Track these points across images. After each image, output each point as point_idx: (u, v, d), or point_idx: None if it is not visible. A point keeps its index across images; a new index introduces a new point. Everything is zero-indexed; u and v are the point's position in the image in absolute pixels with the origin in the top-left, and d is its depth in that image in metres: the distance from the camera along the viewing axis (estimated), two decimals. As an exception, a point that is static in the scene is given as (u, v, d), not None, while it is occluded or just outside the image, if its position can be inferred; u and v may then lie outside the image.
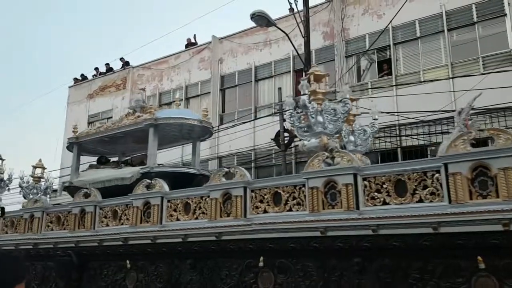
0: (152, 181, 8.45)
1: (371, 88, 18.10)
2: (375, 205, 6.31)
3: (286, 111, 7.75)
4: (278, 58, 21.07)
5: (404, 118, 15.51)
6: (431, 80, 16.22)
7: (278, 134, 14.97)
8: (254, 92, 20.87)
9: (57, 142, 31.00)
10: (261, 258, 6.92)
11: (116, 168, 10.11)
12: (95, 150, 11.07)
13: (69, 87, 30.33)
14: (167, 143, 10.53)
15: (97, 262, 8.86)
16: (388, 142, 16.66)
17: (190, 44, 26.09)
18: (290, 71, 20.50)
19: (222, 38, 23.92)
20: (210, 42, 24.24)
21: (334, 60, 19.31)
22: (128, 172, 9.43)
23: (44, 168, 12.41)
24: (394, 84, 17.38)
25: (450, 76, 16.15)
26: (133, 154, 11.25)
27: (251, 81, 21.10)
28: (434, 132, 15.88)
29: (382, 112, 14.17)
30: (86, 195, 9.28)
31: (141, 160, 10.14)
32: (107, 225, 8.96)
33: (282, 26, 15.57)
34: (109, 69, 28.93)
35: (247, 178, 7.47)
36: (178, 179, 8.63)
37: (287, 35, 14.95)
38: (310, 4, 16.28)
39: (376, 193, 6.34)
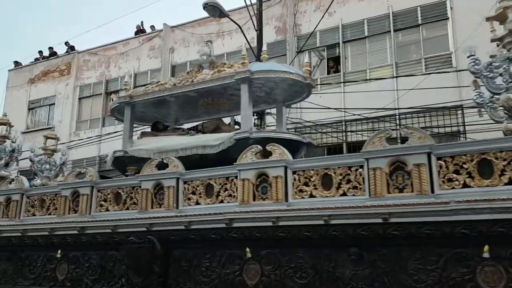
0: (268, 147, 5.67)
1: (321, 84, 17.07)
2: None
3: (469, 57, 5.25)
4: (231, 50, 19.22)
5: (350, 114, 14.71)
6: (377, 79, 15.64)
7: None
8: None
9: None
10: (486, 247, 4.41)
11: (185, 135, 7.17)
12: (144, 116, 8.05)
13: (9, 70, 26.69)
14: (232, 110, 7.72)
15: (190, 251, 6.08)
16: (335, 137, 15.91)
17: (140, 31, 23.19)
18: (242, 64, 18.47)
19: (174, 26, 21.98)
20: (161, 30, 21.70)
21: (285, 55, 18.02)
22: (214, 139, 6.66)
23: (58, 139, 9.15)
24: (342, 81, 16.53)
25: (395, 75, 15.56)
26: (187, 121, 8.32)
27: (204, 72, 18.44)
28: (378, 128, 14.61)
29: (329, 108, 13.36)
30: (161, 166, 6.32)
31: (216, 126, 7.34)
32: (197, 203, 6.17)
33: (235, 18, 14.00)
34: (53, 53, 25.51)
35: (430, 142, 4.93)
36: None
37: (240, 27, 13.39)
38: (264, -3, 15.22)
39: None
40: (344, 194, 5.39)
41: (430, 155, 5.00)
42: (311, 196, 5.56)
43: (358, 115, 14.40)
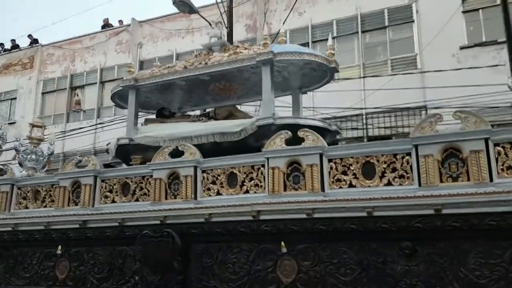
0: (300, 133, 5.07)
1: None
2: None
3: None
4: (201, 47, 18.56)
5: (318, 113, 14.21)
6: (345, 79, 15.36)
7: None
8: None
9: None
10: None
11: (198, 122, 6.47)
12: (146, 102, 7.27)
13: (-32, 63, 25.04)
14: (244, 96, 7.08)
15: (214, 246, 5.27)
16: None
17: (106, 25, 22.20)
18: (212, 61, 18.14)
19: (142, 21, 21.01)
20: (129, 25, 20.77)
21: (257, 53, 17.35)
22: (234, 125, 5.99)
23: (44, 128, 8.26)
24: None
25: (362, 75, 15.67)
26: (193, 108, 7.63)
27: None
28: (345, 127, 15.13)
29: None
30: (174, 154, 5.60)
31: (229, 113, 6.68)
32: (218, 194, 5.49)
33: (206, 15, 13.34)
34: (15, 46, 24.15)
35: (487, 126, 4.51)
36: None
37: (210, 24, 12.57)
38: (235, -5, 15.01)
39: None
40: (389, 183, 4.83)
41: (487, 141, 4.50)
42: (351, 185, 4.99)
43: (327, 114, 14.10)
